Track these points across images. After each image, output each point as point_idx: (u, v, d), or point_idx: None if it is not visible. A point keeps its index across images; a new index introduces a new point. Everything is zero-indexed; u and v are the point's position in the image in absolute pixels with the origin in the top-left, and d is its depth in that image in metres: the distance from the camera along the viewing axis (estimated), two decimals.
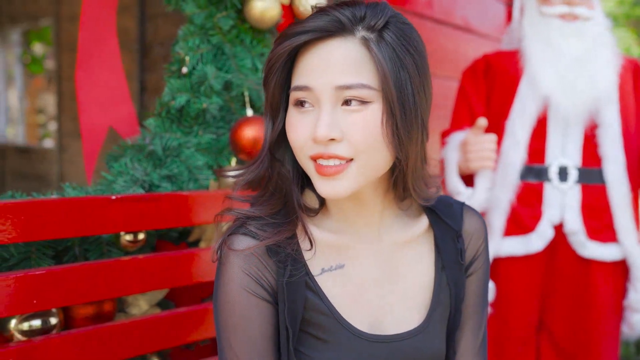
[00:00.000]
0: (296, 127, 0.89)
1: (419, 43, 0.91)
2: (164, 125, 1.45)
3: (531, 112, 1.94)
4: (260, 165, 0.96)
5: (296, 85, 0.88)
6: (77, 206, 1.14)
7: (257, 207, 0.96)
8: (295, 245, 0.94)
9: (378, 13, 0.88)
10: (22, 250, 1.17)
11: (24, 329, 1.17)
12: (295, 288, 0.93)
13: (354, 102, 0.86)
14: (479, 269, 1.06)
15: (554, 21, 1.95)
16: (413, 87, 0.87)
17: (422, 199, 0.98)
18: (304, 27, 0.87)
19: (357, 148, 0.86)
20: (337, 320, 0.93)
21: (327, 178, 0.87)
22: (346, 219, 0.97)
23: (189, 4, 1.48)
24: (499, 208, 1.96)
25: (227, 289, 0.91)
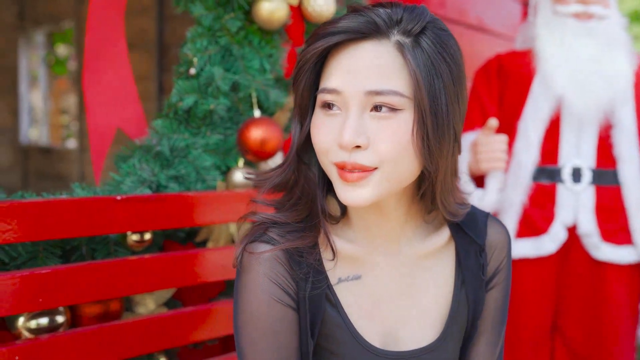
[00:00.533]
0: (321, 130, 0.86)
1: (456, 51, 0.87)
2: (172, 126, 1.46)
3: (544, 113, 1.92)
4: (287, 168, 0.93)
5: (324, 87, 0.85)
6: (82, 206, 1.16)
7: (283, 213, 0.92)
8: (317, 255, 0.91)
9: (415, 17, 0.85)
10: (30, 250, 1.19)
11: (31, 327, 1.18)
12: (317, 300, 0.90)
13: (384, 109, 0.82)
14: (499, 283, 1.02)
15: (568, 20, 1.92)
16: (447, 97, 0.84)
17: (450, 214, 0.94)
18: (337, 27, 0.83)
19: (382, 157, 0.83)
20: (350, 333, 0.91)
21: (350, 184, 0.84)
22: (367, 229, 0.94)
23: (197, 5, 1.49)
24: (511, 209, 1.94)
25: (252, 298, 0.88)
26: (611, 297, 1.94)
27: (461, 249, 0.99)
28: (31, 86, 7.31)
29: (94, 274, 1.20)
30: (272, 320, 0.87)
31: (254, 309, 0.88)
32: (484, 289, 1.01)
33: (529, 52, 1.98)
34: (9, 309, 1.09)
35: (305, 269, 0.90)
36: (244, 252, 0.89)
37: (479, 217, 1.01)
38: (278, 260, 0.89)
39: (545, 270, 1.96)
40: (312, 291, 0.89)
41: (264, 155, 1.48)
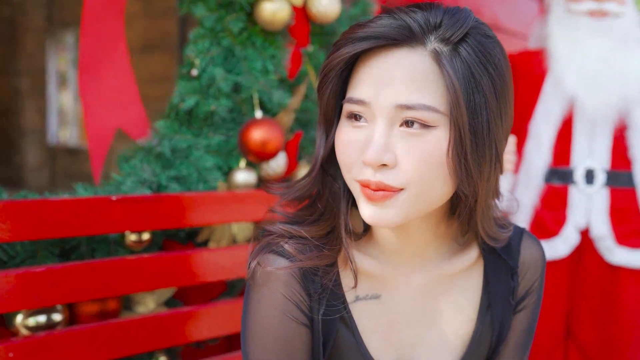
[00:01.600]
0: (347, 144, 0.78)
1: (502, 61, 0.78)
2: (174, 127, 1.47)
3: (556, 113, 1.88)
4: (311, 181, 0.87)
5: (351, 97, 0.77)
6: (78, 206, 1.17)
7: (304, 227, 0.85)
8: (333, 275, 0.85)
9: (457, 22, 0.75)
10: (28, 249, 1.21)
11: (29, 325, 1.20)
12: (330, 321, 0.85)
13: (415, 125, 0.74)
14: (529, 306, 0.94)
15: (582, 18, 1.89)
16: (489, 113, 0.75)
17: (492, 240, 0.87)
18: (366, 32, 0.75)
19: (410, 178, 0.75)
20: (362, 355, 0.86)
21: (374, 204, 0.77)
22: (390, 248, 0.87)
23: (198, 7, 1.50)
24: (522, 212, 1.91)
25: (265, 314, 0.82)
26: (626, 302, 1.89)
27: (490, 271, 0.91)
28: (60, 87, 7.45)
29: (91, 273, 1.22)
30: (284, 337, 0.82)
31: (266, 324, 0.83)
32: (512, 311, 0.93)
33: (541, 52, 1.95)
34: (6, 307, 1.11)
35: (319, 289, 0.84)
36: (258, 265, 0.84)
37: (513, 235, 0.93)
38: (294, 276, 0.83)
39: (557, 274, 1.92)
40: (327, 312, 0.84)
41: (265, 156, 1.48)
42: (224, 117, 1.50)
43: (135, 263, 1.28)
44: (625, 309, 1.89)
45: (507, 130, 0.81)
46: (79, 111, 7.74)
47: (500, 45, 0.80)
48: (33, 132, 6.76)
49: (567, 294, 1.94)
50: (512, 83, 0.81)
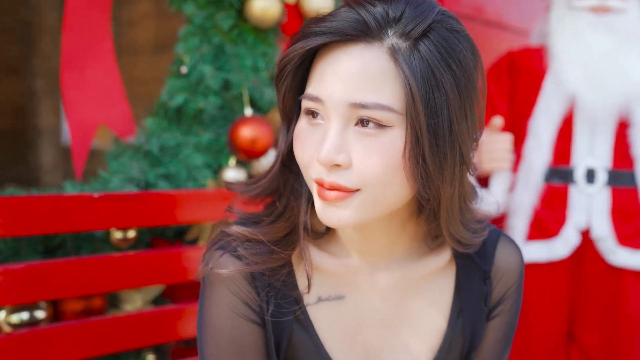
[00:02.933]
0: (303, 141, 0.76)
1: (467, 58, 0.73)
2: (162, 125, 1.47)
3: (556, 111, 1.84)
4: (272, 177, 0.85)
5: (307, 94, 0.75)
6: (60, 203, 1.17)
7: (260, 229, 0.83)
8: (282, 276, 0.83)
9: (419, 16, 0.72)
10: (11, 246, 1.21)
11: (12, 322, 1.20)
12: (282, 321, 0.83)
13: (370, 124, 0.71)
14: (504, 312, 0.91)
15: (584, 14, 1.84)
16: (450, 113, 0.71)
17: (461, 245, 0.83)
18: (322, 26, 0.72)
19: (365, 179, 0.72)
20: (321, 357, 0.84)
21: (328, 203, 0.74)
22: (352, 246, 0.85)
23: (188, 4, 1.49)
24: (521, 211, 1.87)
25: (216, 312, 0.82)
26: (629, 304, 1.85)
27: (462, 274, 0.89)
28: None
29: (75, 270, 1.22)
30: (235, 335, 0.82)
31: (218, 323, 0.82)
32: (486, 318, 0.90)
33: (541, 49, 1.91)
34: None
35: (269, 289, 0.83)
36: (209, 265, 0.83)
37: (489, 238, 0.90)
38: (243, 275, 0.82)
39: (557, 275, 1.88)
40: (276, 312, 0.83)
41: (255, 154, 1.47)
42: (213, 114, 1.49)
43: (121, 260, 1.28)
44: (628, 311, 1.85)
45: (473, 130, 0.76)
46: None
47: (469, 41, 0.76)
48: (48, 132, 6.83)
49: (568, 295, 1.90)
50: (477, 80, 0.76)
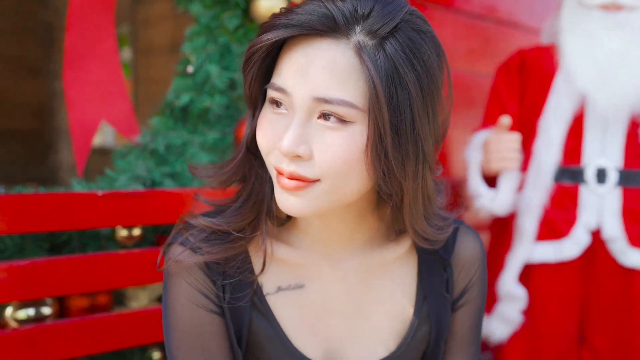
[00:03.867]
0: (266, 130, 0.78)
1: (432, 58, 0.76)
2: (168, 124, 1.48)
3: (566, 110, 1.82)
4: (237, 164, 0.86)
5: (273, 84, 0.76)
6: (64, 201, 1.19)
7: (224, 219, 0.85)
8: (239, 262, 0.85)
9: (387, 15, 0.73)
10: (17, 243, 1.23)
11: (18, 318, 1.22)
12: (239, 308, 0.85)
13: (332, 119, 0.73)
14: (471, 301, 0.94)
15: (595, 12, 1.82)
16: (413, 111, 0.73)
17: (425, 242, 0.85)
18: (290, 19, 0.73)
19: (324, 171, 0.74)
20: (284, 346, 0.85)
21: (287, 191, 0.77)
22: (312, 235, 0.87)
23: (195, 4, 1.51)
24: (531, 211, 1.85)
25: (175, 304, 0.84)
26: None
27: (423, 261, 0.91)
28: None
29: (81, 267, 1.23)
30: (195, 325, 0.83)
31: (178, 314, 0.84)
32: (450, 307, 0.92)
33: (552, 47, 1.89)
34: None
35: (224, 277, 0.84)
36: (166, 256, 0.85)
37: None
38: (198, 265, 0.84)
39: (567, 276, 1.86)
40: (234, 300, 0.84)
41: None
42: (219, 114, 1.50)
43: (126, 258, 1.29)
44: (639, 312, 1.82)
45: (436, 130, 0.78)
46: None
47: (435, 42, 0.78)
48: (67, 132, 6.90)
49: (579, 297, 1.88)
50: (441, 81, 0.78)
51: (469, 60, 2.26)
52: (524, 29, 2.46)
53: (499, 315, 1.93)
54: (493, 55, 2.25)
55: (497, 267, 1.95)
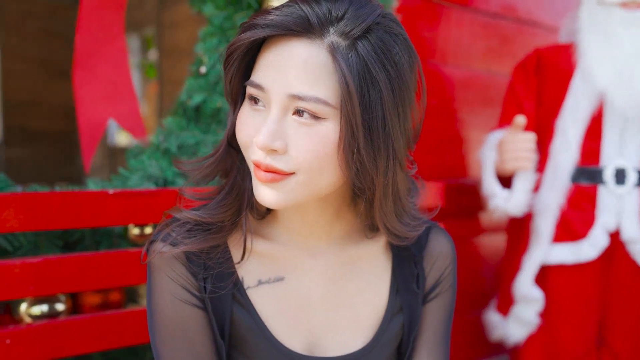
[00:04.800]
0: (244, 125, 0.81)
1: (402, 60, 0.79)
2: (182, 123, 1.50)
3: (584, 110, 1.80)
4: (219, 157, 0.89)
5: (251, 81, 0.80)
6: (76, 199, 1.21)
7: (208, 211, 0.88)
8: (219, 255, 0.87)
9: (359, 17, 0.77)
10: (32, 240, 1.26)
11: (33, 314, 1.25)
12: (220, 302, 0.87)
13: (306, 115, 0.77)
14: (442, 294, 0.97)
15: (615, 10, 1.79)
16: (384, 109, 0.76)
17: (396, 238, 0.88)
18: (267, 19, 0.77)
19: (298, 165, 0.78)
20: (266, 338, 0.88)
21: (263, 184, 0.80)
22: (292, 228, 0.90)
23: (207, 5, 1.52)
24: (548, 212, 1.83)
25: (157, 299, 0.86)
26: None
27: (397, 256, 0.94)
28: None
29: (93, 264, 1.25)
30: (178, 319, 0.86)
31: (160, 309, 0.86)
32: (420, 300, 0.95)
33: (570, 46, 1.86)
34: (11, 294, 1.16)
35: (204, 270, 0.87)
36: (148, 252, 0.88)
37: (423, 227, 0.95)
38: (178, 259, 0.86)
39: (585, 278, 1.83)
40: (214, 293, 0.86)
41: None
42: None
43: (138, 255, 1.31)
44: None
45: (407, 129, 0.81)
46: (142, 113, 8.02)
47: (407, 44, 0.81)
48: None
49: (598, 299, 1.85)
50: (411, 81, 0.81)
51: (487, 60, 2.24)
52: (544, 27, 2.43)
53: (515, 317, 1.91)
54: (511, 55, 2.22)
55: (514, 268, 1.93)
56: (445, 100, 2.13)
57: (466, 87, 2.20)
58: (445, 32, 2.11)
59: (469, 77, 2.20)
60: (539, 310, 1.87)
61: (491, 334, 2.02)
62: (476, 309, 2.20)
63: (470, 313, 2.22)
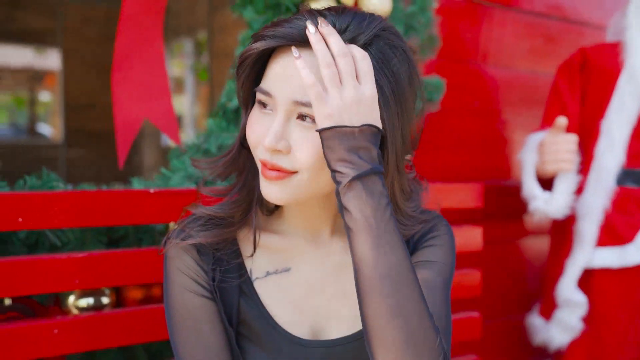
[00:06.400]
0: (253, 127, 0.88)
1: (400, 71, 0.85)
2: (221, 125, 1.54)
3: (631, 110, 1.76)
4: (232, 156, 0.96)
5: (260, 88, 0.87)
6: (120, 197, 1.27)
7: (221, 207, 0.95)
8: (228, 248, 0.95)
9: (362, 29, 0.83)
10: (78, 237, 1.33)
11: (80, 306, 1.32)
12: (228, 293, 0.94)
13: (307, 119, 0.84)
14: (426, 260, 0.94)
15: None
16: (382, 115, 0.83)
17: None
18: (275, 31, 0.84)
19: (300, 164, 0.84)
20: (271, 326, 0.93)
21: (269, 181, 0.87)
22: (297, 223, 0.97)
23: (248, 10, 1.56)
24: (592, 215, 1.79)
25: (170, 290, 0.93)
26: None
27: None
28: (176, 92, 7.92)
29: (136, 260, 1.31)
30: (190, 310, 0.92)
31: (172, 299, 0.93)
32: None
33: (616, 45, 1.82)
34: (59, 287, 1.22)
35: (213, 262, 0.94)
36: (164, 246, 0.96)
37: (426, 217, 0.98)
38: (188, 252, 0.93)
39: (631, 283, 1.79)
40: (221, 283, 0.93)
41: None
42: None
43: None
44: None
45: (404, 135, 0.86)
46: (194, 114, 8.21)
47: (405, 56, 0.86)
48: (150, 135, 7.24)
49: None
50: (406, 88, 0.85)
51: (531, 60, 2.21)
52: (591, 26, 2.38)
53: (557, 321, 1.88)
54: (558, 55, 2.18)
55: (557, 272, 1.90)
56: (486, 101, 2.11)
57: (509, 87, 2.17)
58: (487, 33, 2.09)
59: (512, 77, 2.18)
60: (582, 315, 1.84)
61: (534, 338, 2.00)
62: (519, 312, 2.17)
63: (513, 316, 2.19)
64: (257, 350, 0.94)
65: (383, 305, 0.77)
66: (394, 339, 0.76)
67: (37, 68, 7.94)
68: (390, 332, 0.76)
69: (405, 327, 0.76)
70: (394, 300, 0.76)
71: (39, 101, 8.80)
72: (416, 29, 1.75)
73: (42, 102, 8.80)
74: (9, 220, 1.16)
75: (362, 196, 0.78)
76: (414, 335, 0.76)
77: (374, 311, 0.77)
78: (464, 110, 2.05)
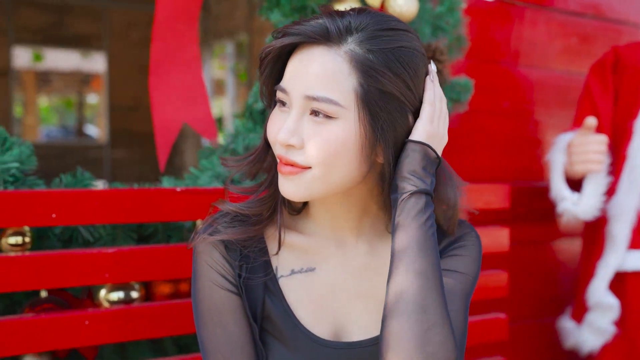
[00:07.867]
0: (272, 124, 0.91)
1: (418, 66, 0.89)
2: (249, 126, 1.58)
3: None
4: (258, 155, 0.98)
5: (278, 85, 0.90)
6: (149, 195, 1.32)
7: (248, 204, 0.97)
8: (254, 245, 0.96)
9: (379, 32, 0.86)
10: (110, 232, 1.38)
11: (111, 299, 1.37)
12: (253, 289, 0.95)
13: (320, 115, 0.86)
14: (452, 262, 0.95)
15: None
16: (392, 114, 0.86)
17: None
18: (293, 29, 0.87)
19: (312, 160, 0.86)
20: (293, 324, 0.95)
21: (284, 177, 0.89)
22: (323, 223, 0.98)
23: (274, 13, 1.59)
24: (624, 217, 1.77)
25: (198, 285, 0.96)
26: None
27: None
28: (217, 94, 8.05)
29: (164, 256, 1.36)
30: (215, 302, 0.94)
31: (200, 293, 0.95)
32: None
33: None
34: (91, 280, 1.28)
35: (240, 258, 0.95)
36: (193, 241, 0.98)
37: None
38: (216, 247, 0.95)
39: None
40: (248, 280, 0.95)
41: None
42: None
43: None
44: None
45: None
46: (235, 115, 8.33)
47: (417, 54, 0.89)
48: (191, 137, 7.38)
49: None
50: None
51: (565, 60, 2.18)
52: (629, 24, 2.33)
53: (589, 325, 1.85)
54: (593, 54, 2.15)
55: (588, 274, 1.87)
56: (517, 101, 2.10)
57: (542, 88, 2.15)
58: (518, 32, 2.07)
59: (545, 78, 2.15)
60: (614, 319, 1.81)
61: (565, 341, 1.97)
62: (551, 315, 2.14)
63: (544, 319, 2.17)
64: (279, 347, 0.95)
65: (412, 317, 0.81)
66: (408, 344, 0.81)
67: (85, 71, 8.20)
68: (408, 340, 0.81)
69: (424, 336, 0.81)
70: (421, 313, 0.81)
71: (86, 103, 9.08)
72: (444, 29, 1.75)
73: (89, 104, 9.09)
74: (43, 216, 1.23)
75: (418, 207, 0.85)
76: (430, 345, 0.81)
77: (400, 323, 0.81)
78: (493, 111, 2.04)
